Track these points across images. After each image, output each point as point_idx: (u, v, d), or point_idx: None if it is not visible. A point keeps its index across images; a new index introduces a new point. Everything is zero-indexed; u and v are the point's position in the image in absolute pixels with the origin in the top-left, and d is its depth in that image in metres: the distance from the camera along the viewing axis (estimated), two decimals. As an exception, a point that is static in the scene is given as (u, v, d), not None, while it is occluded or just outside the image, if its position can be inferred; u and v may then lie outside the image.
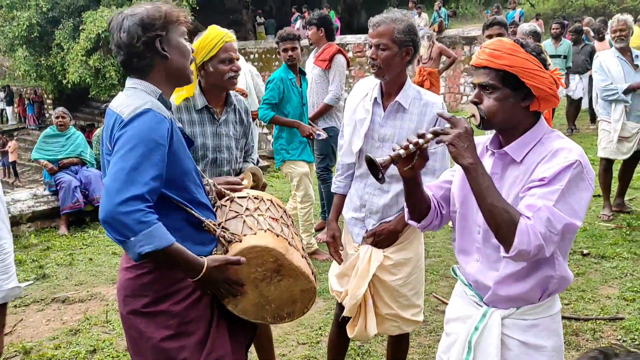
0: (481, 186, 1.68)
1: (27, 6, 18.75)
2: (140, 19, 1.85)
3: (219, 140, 2.70)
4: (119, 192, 1.67)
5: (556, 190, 1.63)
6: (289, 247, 2.01)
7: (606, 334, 3.54)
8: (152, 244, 1.67)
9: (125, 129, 1.76)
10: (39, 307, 4.41)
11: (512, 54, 1.70)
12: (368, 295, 2.69)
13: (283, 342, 3.65)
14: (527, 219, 1.62)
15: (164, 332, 1.90)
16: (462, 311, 1.97)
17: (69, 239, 6.18)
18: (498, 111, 1.74)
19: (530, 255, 1.63)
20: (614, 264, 4.53)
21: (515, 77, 1.70)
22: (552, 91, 1.72)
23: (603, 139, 5.56)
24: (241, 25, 22.88)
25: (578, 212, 1.65)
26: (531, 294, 1.80)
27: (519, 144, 1.77)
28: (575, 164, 1.65)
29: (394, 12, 2.52)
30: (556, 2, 26.65)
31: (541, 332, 1.82)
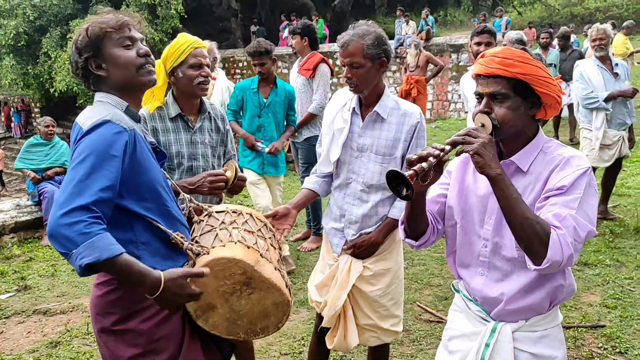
0: (510, 197, 1.62)
1: (14, 15, 18.69)
2: (74, 44, 1.90)
3: (194, 148, 2.70)
4: (63, 204, 1.63)
5: (576, 198, 1.63)
6: (259, 259, 1.94)
7: (588, 341, 3.55)
8: (92, 256, 1.57)
9: (82, 140, 1.75)
10: (20, 319, 4.36)
11: (524, 62, 1.69)
12: (348, 306, 2.68)
13: (265, 352, 3.62)
14: (557, 229, 1.59)
15: (133, 350, 1.86)
16: (467, 328, 1.93)
17: (52, 250, 6.12)
18: (511, 119, 1.71)
19: (561, 266, 1.59)
20: (596, 271, 4.55)
21: (526, 86, 1.70)
22: (559, 99, 1.73)
23: (585, 147, 5.60)
24: (230, 33, 22.91)
25: (592, 219, 1.65)
26: (541, 305, 1.78)
27: (525, 153, 1.76)
28: (588, 171, 1.67)
29: (360, 27, 2.51)
30: (543, 10, 26.92)
31: (552, 343, 1.81)
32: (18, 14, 18.61)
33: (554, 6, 26.25)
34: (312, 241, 5.53)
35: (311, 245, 5.48)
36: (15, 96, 24.79)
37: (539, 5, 26.44)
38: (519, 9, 26.20)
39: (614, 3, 24.91)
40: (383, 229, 2.62)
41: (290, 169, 9.17)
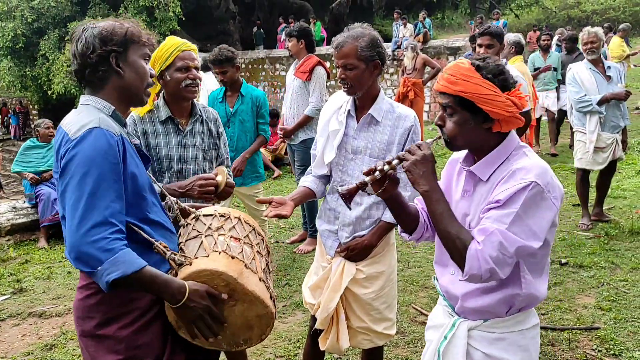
0: (435, 212, 1.74)
1: (12, 17, 18.69)
2: (100, 32, 1.85)
3: (184, 151, 2.69)
4: (80, 224, 1.66)
5: (510, 213, 1.64)
6: (243, 270, 1.90)
7: (582, 343, 3.56)
8: (119, 271, 1.64)
9: (74, 152, 1.72)
10: (15, 321, 4.36)
11: (466, 80, 1.70)
12: (340, 308, 2.69)
13: (260, 355, 3.62)
14: (477, 244, 1.65)
15: (113, 357, 1.83)
16: (438, 319, 2.01)
17: (48, 252, 6.12)
18: (458, 134, 1.76)
19: (483, 279, 1.66)
20: (591, 273, 4.56)
21: (472, 102, 1.71)
22: (510, 114, 1.70)
23: (579, 150, 5.63)
24: (228, 36, 22.91)
25: (537, 233, 1.66)
26: (497, 309, 1.81)
27: (484, 163, 1.78)
28: (530, 185, 1.64)
29: (355, 29, 2.53)
30: (540, 12, 26.99)
31: (507, 347, 1.82)
32: (16, 16, 18.61)
33: (550, 9, 26.33)
34: (308, 243, 5.54)
35: (307, 247, 5.49)
36: (13, 98, 24.77)
37: (536, 8, 26.51)
38: (516, 12, 26.26)
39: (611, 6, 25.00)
40: (376, 232, 2.62)
41: (288, 171, 9.18)
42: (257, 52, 19.43)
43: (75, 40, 1.87)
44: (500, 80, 1.71)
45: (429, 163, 1.75)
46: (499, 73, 1.72)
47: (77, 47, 1.85)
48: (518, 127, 1.77)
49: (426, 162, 1.74)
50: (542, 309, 4.00)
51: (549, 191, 1.67)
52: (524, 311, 1.84)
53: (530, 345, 1.86)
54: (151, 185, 1.97)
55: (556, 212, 1.71)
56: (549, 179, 1.68)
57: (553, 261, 4.83)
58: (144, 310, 1.86)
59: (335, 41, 2.54)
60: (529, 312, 1.87)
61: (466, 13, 27.05)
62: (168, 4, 17.94)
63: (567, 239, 5.36)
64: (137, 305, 1.85)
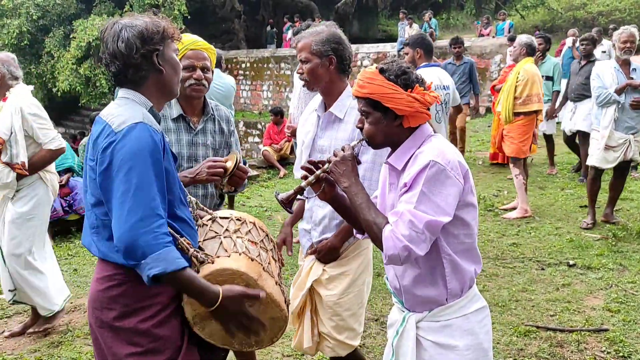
0: (355, 204, 1.90)
1: (17, 14, 18.71)
2: (140, 32, 1.86)
3: (195, 150, 2.68)
4: (129, 216, 1.70)
5: (415, 193, 1.78)
6: (262, 272, 1.95)
7: (590, 345, 3.54)
8: (159, 267, 1.69)
9: (120, 145, 1.75)
10: (22, 318, 4.35)
11: (370, 82, 1.88)
12: (307, 307, 2.71)
13: (268, 354, 3.62)
14: (390, 225, 1.80)
15: (131, 349, 1.86)
16: (393, 317, 2.13)
17: (53, 249, 6.11)
18: (375, 133, 1.93)
19: (402, 258, 1.78)
20: (599, 275, 4.54)
21: (379, 101, 1.87)
22: (414, 109, 1.86)
23: (592, 147, 5.63)
24: (233, 34, 22.94)
25: (445, 208, 1.78)
26: (436, 296, 1.93)
27: (397, 155, 1.94)
28: (429, 164, 1.79)
29: (317, 26, 2.60)
30: (546, 13, 26.92)
31: (453, 332, 1.93)
32: (21, 13, 18.63)
33: (556, 10, 26.23)
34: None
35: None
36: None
37: (541, 9, 26.43)
38: (521, 13, 26.19)
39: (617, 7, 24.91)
40: (339, 234, 2.62)
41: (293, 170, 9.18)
42: (262, 52, 19.42)
43: (113, 40, 1.86)
44: (402, 80, 1.86)
45: (348, 162, 1.93)
46: (401, 73, 1.87)
47: (118, 47, 1.85)
48: (425, 121, 1.92)
49: (345, 162, 1.93)
50: (550, 310, 3.99)
51: (451, 169, 1.80)
52: (464, 296, 1.94)
53: (477, 329, 1.96)
54: (180, 184, 2.00)
55: (461, 187, 1.83)
56: (449, 157, 1.82)
57: (561, 262, 4.82)
58: (164, 304, 1.89)
59: (295, 37, 2.65)
60: (471, 297, 1.97)
61: (471, 14, 27.00)
62: (173, 3, 17.95)
63: (574, 240, 5.34)
64: (159, 300, 1.88)
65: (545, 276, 4.60)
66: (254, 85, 18.81)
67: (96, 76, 17.11)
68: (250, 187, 8.34)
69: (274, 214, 6.91)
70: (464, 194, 1.85)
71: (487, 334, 1.99)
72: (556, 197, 6.84)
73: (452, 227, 1.85)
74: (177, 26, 2.04)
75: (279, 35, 22.12)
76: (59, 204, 6.52)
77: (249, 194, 7.90)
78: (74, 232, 6.73)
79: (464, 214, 1.88)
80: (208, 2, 21.40)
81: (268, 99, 18.38)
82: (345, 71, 2.60)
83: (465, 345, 1.92)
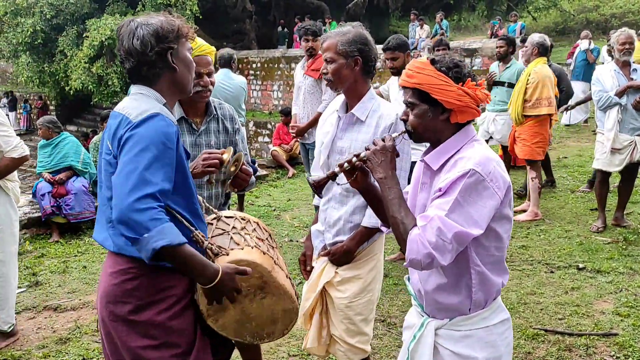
0: (386, 198, 1.84)
1: (31, 13, 18.87)
2: (155, 30, 1.90)
3: (197, 151, 2.67)
4: (132, 191, 1.71)
5: (449, 200, 1.71)
6: (274, 265, 1.99)
7: (599, 349, 3.51)
8: (166, 239, 1.69)
9: (136, 131, 1.79)
10: (30, 314, 4.39)
11: (420, 72, 1.82)
12: (317, 309, 2.71)
13: (274, 353, 3.62)
14: (418, 229, 1.73)
15: (146, 341, 1.88)
16: (411, 320, 2.08)
17: (63, 246, 6.17)
18: (419, 125, 1.86)
19: (423, 264, 1.71)
20: (609, 279, 4.50)
21: (428, 93, 1.81)
22: (463, 103, 1.79)
23: (598, 151, 5.59)
24: (244, 35, 22.99)
25: (477, 221, 1.72)
26: (459, 305, 1.87)
27: (436, 154, 1.87)
28: (469, 172, 1.72)
29: (344, 27, 2.59)
30: (558, 15, 26.74)
31: (474, 344, 1.87)
32: (35, 12, 18.78)
33: (569, 12, 26.06)
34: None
35: None
36: (32, 93, 25.05)
37: (554, 11, 26.26)
38: (533, 14, 26.04)
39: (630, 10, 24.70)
40: (355, 237, 2.61)
41: (302, 170, 9.17)
42: (273, 52, 19.45)
43: (129, 37, 1.90)
44: (454, 72, 1.81)
45: (388, 153, 1.86)
46: (454, 66, 1.82)
47: (134, 44, 1.89)
48: (474, 117, 1.86)
49: (385, 152, 1.86)
50: (559, 314, 3.95)
51: (491, 180, 1.73)
52: (488, 307, 1.88)
53: (499, 341, 1.90)
54: (192, 179, 2.03)
55: (499, 201, 1.76)
56: (491, 168, 1.74)
57: (570, 266, 4.78)
58: (179, 297, 1.92)
59: (321, 37, 2.63)
60: (494, 308, 1.91)
61: (483, 15, 26.87)
62: (185, 3, 18.00)
63: (584, 243, 5.29)
64: (173, 292, 1.91)
65: (554, 279, 4.56)
66: (264, 85, 18.84)
67: (108, 75, 17.22)
68: (259, 187, 8.35)
69: (282, 213, 6.92)
70: (502, 206, 1.78)
71: (507, 346, 1.95)
72: (566, 199, 6.79)
73: (484, 238, 1.79)
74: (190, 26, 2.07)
75: (290, 35, 22.13)
76: (47, 201, 6.48)
77: (257, 194, 7.91)
78: (84, 229, 6.77)
79: (498, 227, 1.81)
80: (220, 2, 21.45)
81: (278, 99, 18.40)
82: (370, 72, 2.60)
83: (484, 358, 1.87)
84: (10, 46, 19.50)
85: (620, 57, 5.35)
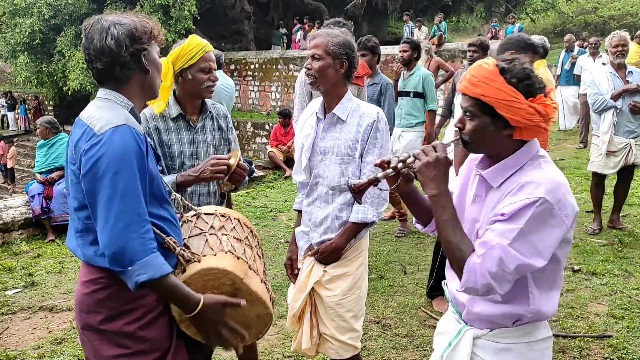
0: (439, 218, 1.70)
1: (29, 13, 18.88)
2: (130, 30, 1.83)
3: (196, 148, 2.71)
4: (116, 223, 1.68)
5: (515, 228, 1.58)
6: (248, 270, 1.96)
7: (594, 351, 3.52)
8: (148, 274, 1.69)
9: (104, 149, 1.72)
10: (26, 315, 4.38)
11: (487, 83, 1.64)
12: (306, 309, 2.71)
13: (269, 354, 3.62)
14: (477, 257, 1.61)
15: (118, 350, 1.86)
16: (446, 326, 1.98)
17: (60, 247, 6.16)
18: (477, 138, 1.70)
19: (480, 293, 1.64)
20: (604, 281, 4.51)
21: (492, 106, 1.64)
22: (532, 122, 1.62)
23: (593, 153, 5.62)
24: (243, 36, 22.98)
25: (542, 252, 1.60)
26: (503, 320, 1.76)
27: (497, 170, 1.72)
28: (539, 201, 1.58)
29: (333, 29, 2.63)
30: (556, 17, 26.79)
31: (513, 358, 1.77)
32: (33, 12, 18.79)
33: (567, 14, 26.11)
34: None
35: None
36: (30, 94, 25.03)
37: (552, 13, 26.31)
38: (532, 16, 26.08)
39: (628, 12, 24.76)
40: (344, 234, 2.62)
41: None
42: (271, 53, 19.46)
43: (101, 36, 1.82)
44: (525, 86, 1.63)
45: (441, 166, 1.69)
46: (525, 78, 1.63)
47: (107, 44, 1.81)
48: (541, 136, 1.69)
49: (438, 165, 1.69)
50: (553, 316, 3.95)
51: (559, 208, 1.59)
52: (532, 323, 1.78)
53: (538, 359, 1.79)
54: (163, 182, 1.99)
55: (566, 230, 1.63)
56: (560, 195, 1.60)
57: (565, 268, 4.75)
58: (151, 307, 1.89)
59: (311, 34, 2.68)
60: (539, 324, 1.80)
61: (481, 16, 26.90)
62: (184, 3, 18.02)
63: (579, 245, 5.30)
64: (145, 302, 1.87)
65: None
66: (262, 87, 18.85)
67: (106, 76, 17.22)
68: (256, 188, 8.35)
69: (278, 214, 6.92)
70: (567, 233, 1.65)
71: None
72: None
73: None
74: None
75: (288, 37, 22.14)
76: (38, 202, 6.46)
77: (254, 195, 7.92)
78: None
79: (559, 251, 1.68)
80: (218, 2, 21.44)
81: (276, 100, 18.41)
82: (350, 78, 2.64)
83: None
84: (9, 46, 19.51)
85: (614, 59, 5.38)
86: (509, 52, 3.69)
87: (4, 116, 25.93)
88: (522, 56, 1.75)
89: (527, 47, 3.58)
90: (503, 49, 3.62)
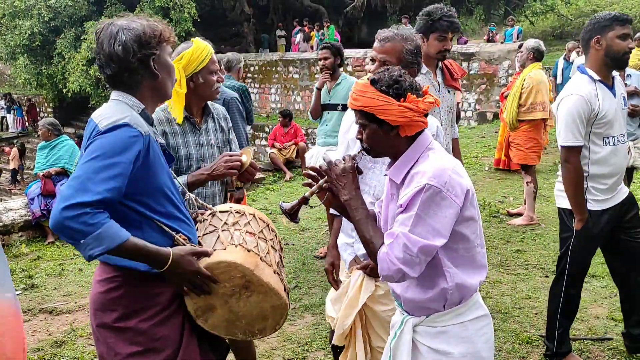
0: (354, 219, 1.91)
1: (29, 15, 18.92)
2: (137, 35, 1.85)
3: (202, 150, 2.73)
4: (67, 198, 1.68)
5: (410, 216, 1.78)
6: (259, 262, 2.00)
7: (594, 354, 3.52)
8: (102, 246, 1.68)
9: (96, 139, 1.77)
10: (26, 317, 4.38)
11: (362, 95, 1.86)
12: (357, 325, 2.54)
13: (269, 357, 3.62)
14: (385, 247, 1.81)
15: (132, 348, 1.90)
16: (395, 318, 2.13)
17: (59, 249, 6.16)
18: (374, 144, 1.92)
19: (396, 279, 1.81)
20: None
21: (373, 114, 1.85)
22: (408, 119, 1.83)
23: None
24: (242, 38, 23.03)
25: (440, 231, 1.78)
26: (433, 304, 1.92)
27: (395, 168, 1.92)
28: (424, 188, 1.77)
29: (404, 30, 2.46)
30: (555, 20, 26.83)
31: (449, 339, 1.93)
32: (33, 14, 18.83)
33: (566, 16, 26.15)
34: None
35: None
36: (29, 95, 25.04)
37: (551, 15, 26.35)
38: (531, 19, 26.13)
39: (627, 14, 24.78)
40: None
41: (299, 173, 9.18)
42: (271, 55, 19.48)
43: (110, 42, 1.84)
44: (394, 90, 1.83)
45: (349, 174, 1.92)
46: (393, 83, 1.84)
47: (115, 50, 1.83)
48: (422, 128, 1.89)
49: (346, 174, 1.92)
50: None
51: (447, 190, 1.78)
52: (464, 303, 1.92)
53: (475, 337, 1.94)
54: (173, 183, 2.02)
55: (458, 208, 1.81)
56: (446, 178, 1.78)
57: (565, 270, 4.78)
58: (165, 305, 1.94)
59: (381, 34, 2.46)
60: (470, 305, 1.94)
61: (481, 19, 26.95)
62: (183, 5, 18.06)
63: (579, 248, 5.30)
64: (159, 300, 1.92)
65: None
66: (262, 89, 18.86)
67: (106, 78, 17.25)
68: (256, 190, 8.36)
69: (278, 217, 6.92)
70: (463, 210, 1.83)
71: (486, 342, 1.97)
72: (562, 204, 6.80)
73: (451, 242, 1.83)
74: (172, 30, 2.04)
75: (287, 39, 22.16)
76: (37, 205, 6.47)
77: (254, 197, 7.92)
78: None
79: (463, 229, 1.86)
80: (218, 5, 21.50)
81: (276, 102, 18.43)
82: None
83: (460, 353, 1.91)
84: (8, 48, 19.55)
85: None
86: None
87: (3, 118, 25.95)
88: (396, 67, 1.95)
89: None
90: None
